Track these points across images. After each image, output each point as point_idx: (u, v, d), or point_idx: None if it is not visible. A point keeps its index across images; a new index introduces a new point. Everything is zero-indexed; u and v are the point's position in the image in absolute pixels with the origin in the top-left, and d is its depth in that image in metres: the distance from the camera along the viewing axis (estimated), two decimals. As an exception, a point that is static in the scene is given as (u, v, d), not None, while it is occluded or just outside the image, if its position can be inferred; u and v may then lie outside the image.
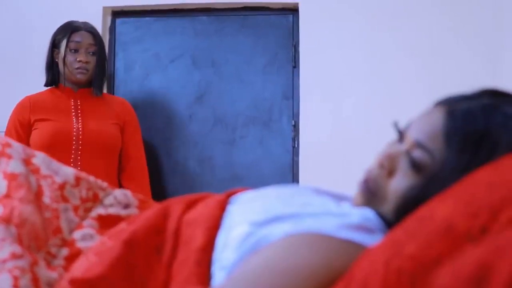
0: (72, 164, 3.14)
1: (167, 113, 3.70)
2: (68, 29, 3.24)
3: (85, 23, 3.31)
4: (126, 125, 3.37)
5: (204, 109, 3.73)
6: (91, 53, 3.25)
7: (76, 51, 3.22)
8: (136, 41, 3.81)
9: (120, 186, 3.30)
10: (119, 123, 3.34)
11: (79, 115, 3.25)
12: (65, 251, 1.19)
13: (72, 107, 3.25)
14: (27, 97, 3.26)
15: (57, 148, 3.12)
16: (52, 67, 3.26)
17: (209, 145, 3.71)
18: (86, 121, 3.24)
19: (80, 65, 3.22)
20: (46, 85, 3.29)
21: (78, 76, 3.23)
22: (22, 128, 3.16)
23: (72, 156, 3.16)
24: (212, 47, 3.76)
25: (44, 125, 3.17)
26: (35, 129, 3.16)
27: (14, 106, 3.26)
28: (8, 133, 3.17)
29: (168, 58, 3.77)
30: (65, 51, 3.21)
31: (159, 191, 3.60)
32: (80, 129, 3.20)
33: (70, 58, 3.21)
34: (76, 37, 3.23)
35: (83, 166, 3.15)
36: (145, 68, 3.78)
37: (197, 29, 3.79)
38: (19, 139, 3.11)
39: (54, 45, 3.25)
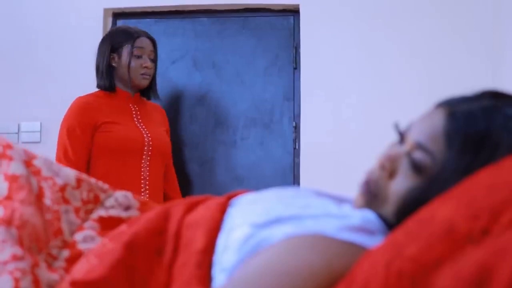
0: (142, 170, 3.19)
1: (168, 114, 3.70)
2: (130, 35, 3.26)
3: (142, 30, 3.36)
4: (168, 133, 3.46)
5: (205, 111, 3.73)
6: (151, 59, 3.30)
7: (139, 57, 3.25)
8: (137, 43, 3.81)
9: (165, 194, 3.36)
10: (166, 131, 3.42)
11: (140, 120, 3.28)
12: (66, 253, 1.19)
13: (133, 112, 3.28)
14: (86, 97, 3.21)
15: (130, 152, 3.17)
16: (109, 71, 3.24)
17: (210, 147, 3.71)
18: (148, 127, 3.28)
19: (145, 71, 3.27)
20: (103, 89, 3.25)
21: (143, 81, 3.28)
22: (87, 128, 3.11)
23: (143, 161, 3.20)
24: (213, 49, 3.77)
25: (116, 128, 3.17)
26: (104, 131, 3.13)
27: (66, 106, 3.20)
28: (72, 132, 3.09)
29: (169, 59, 3.77)
30: (130, 56, 3.23)
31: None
32: (149, 134, 3.25)
33: (134, 63, 3.24)
34: (140, 43, 3.26)
35: (151, 172, 3.21)
36: (146, 69, 3.78)
37: (198, 31, 3.79)
38: (85, 138, 3.10)
39: (113, 50, 3.24)
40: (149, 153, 3.20)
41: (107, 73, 3.23)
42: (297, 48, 3.68)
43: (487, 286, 0.69)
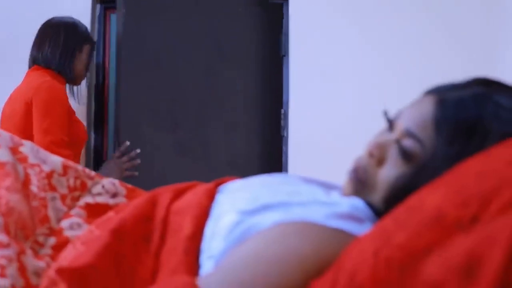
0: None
1: (164, 95, 3.67)
2: (91, 37, 3.33)
3: None
4: None
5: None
6: None
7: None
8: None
9: None
10: None
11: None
12: (52, 240, 1.18)
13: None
14: (59, 83, 3.15)
15: (83, 145, 3.27)
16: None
17: (194, 132, 3.68)
18: None
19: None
20: (62, 74, 3.19)
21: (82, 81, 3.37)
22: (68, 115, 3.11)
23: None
24: (204, 33, 3.73)
25: (78, 119, 3.23)
26: (74, 121, 3.15)
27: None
28: (62, 118, 3.04)
29: (157, 41, 3.75)
30: (90, 57, 3.30)
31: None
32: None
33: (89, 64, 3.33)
34: (94, 48, 3.37)
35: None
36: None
37: (186, 16, 3.76)
38: (67, 126, 3.07)
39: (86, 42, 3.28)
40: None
41: (73, 62, 3.23)
42: (286, 34, 3.67)
43: (476, 274, 0.69)
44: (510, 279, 0.66)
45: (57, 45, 3.19)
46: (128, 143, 3.30)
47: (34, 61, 3.21)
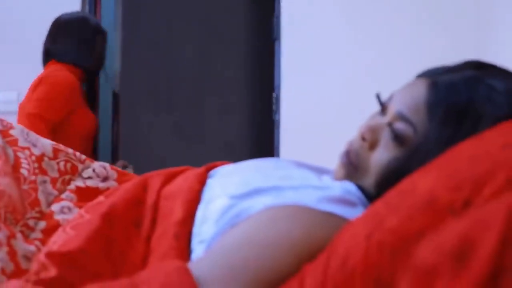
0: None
1: (155, 79, 3.66)
2: (103, 29, 3.37)
3: None
4: None
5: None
6: None
7: None
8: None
9: None
10: None
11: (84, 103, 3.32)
12: (42, 224, 1.18)
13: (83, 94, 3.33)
14: (76, 75, 3.19)
15: (92, 137, 3.27)
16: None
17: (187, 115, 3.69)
18: None
19: None
20: (83, 67, 3.23)
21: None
22: (66, 110, 3.09)
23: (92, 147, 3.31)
24: (200, 17, 3.73)
25: (88, 113, 3.24)
26: (80, 114, 3.15)
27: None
28: (56, 101, 3.04)
29: (156, 25, 3.74)
30: (104, 49, 3.34)
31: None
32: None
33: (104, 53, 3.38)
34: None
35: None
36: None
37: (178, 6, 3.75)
38: (59, 109, 3.07)
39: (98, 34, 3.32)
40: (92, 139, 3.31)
41: (89, 54, 3.26)
42: (278, 18, 3.65)
43: (468, 258, 0.68)
44: (503, 263, 0.66)
45: (73, 40, 3.23)
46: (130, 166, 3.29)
47: (49, 56, 3.24)
